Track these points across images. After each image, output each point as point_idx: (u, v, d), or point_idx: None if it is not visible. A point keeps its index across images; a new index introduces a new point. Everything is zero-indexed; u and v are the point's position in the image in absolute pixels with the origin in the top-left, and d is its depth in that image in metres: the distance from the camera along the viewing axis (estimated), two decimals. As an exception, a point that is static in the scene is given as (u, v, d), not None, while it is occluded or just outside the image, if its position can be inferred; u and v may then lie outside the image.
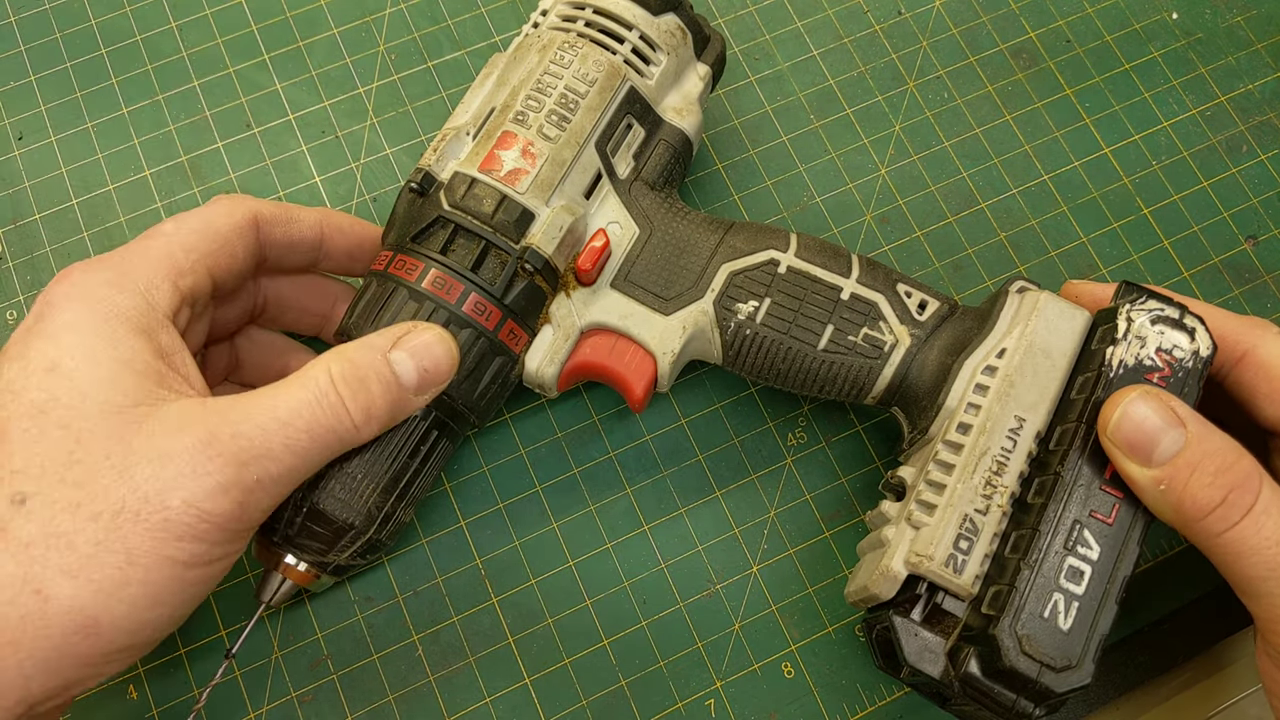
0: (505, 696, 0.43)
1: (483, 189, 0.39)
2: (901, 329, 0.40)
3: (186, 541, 0.31)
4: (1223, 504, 0.32)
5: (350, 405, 0.34)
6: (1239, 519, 0.32)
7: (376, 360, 0.35)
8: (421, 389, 0.36)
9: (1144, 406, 0.33)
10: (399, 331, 0.36)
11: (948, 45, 0.54)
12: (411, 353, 0.36)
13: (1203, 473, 0.32)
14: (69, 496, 0.30)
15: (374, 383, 0.34)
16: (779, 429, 0.47)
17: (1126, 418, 0.34)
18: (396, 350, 0.35)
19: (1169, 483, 0.33)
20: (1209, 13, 0.55)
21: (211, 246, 0.36)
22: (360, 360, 0.35)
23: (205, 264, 0.36)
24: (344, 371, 0.34)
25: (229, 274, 0.38)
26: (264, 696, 0.42)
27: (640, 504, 0.46)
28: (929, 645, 0.35)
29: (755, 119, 0.52)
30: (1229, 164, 0.52)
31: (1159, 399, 0.34)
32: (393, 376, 0.35)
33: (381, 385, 0.35)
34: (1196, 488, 0.32)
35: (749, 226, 0.42)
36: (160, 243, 0.35)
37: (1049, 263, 0.50)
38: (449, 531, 0.45)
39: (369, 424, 0.35)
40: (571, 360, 0.41)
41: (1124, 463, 0.34)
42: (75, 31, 0.52)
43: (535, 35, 0.43)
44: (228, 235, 0.37)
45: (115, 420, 0.31)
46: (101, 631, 0.30)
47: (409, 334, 0.36)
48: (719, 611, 0.44)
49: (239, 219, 0.38)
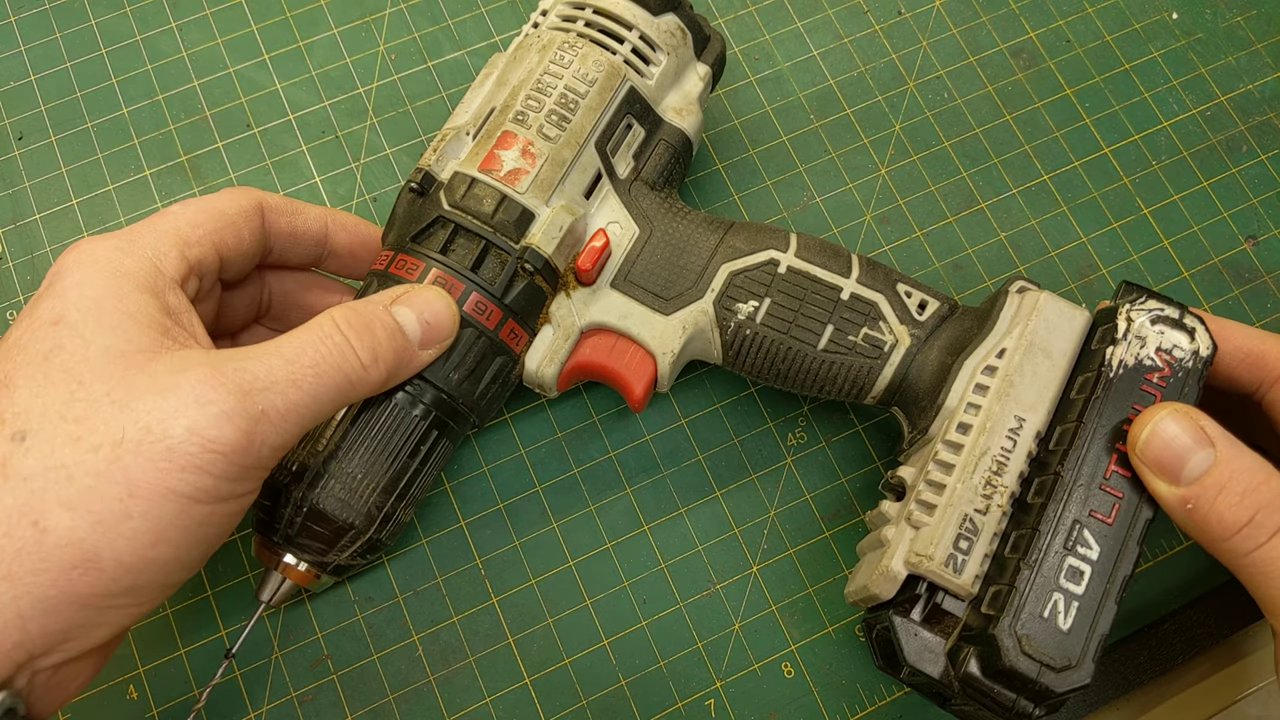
0: (505, 696, 0.43)
1: (483, 189, 0.39)
2: (901, 329, 0.40)
3: (190, 473, 0.30)
4: (1250, 524, 0.32)
5: (356, 346, 0.34)
6: (1266, 539, 0.32)
7: (379, 310, 0.36)
8: (426, 343, 0.37)
9: (1173, 425, 0.33)
10: (399, 290, 0.37)
11: (948, 45, 0.54)
12: (413, 307, 0.36)
13: (1230, 492, 0.32)
14: (69, 431, 0.29)
15: (379, 328, 0.35)
16: (779, 429, 0.47)
17: (1156, 435, 0.33)
18: (398, 305, 0.36)
19: (1196, 502, 0.33)
20: (1209, 13, 0.55)
21: (218, 224, 0.37)
22: (363, 309, 0.35)
23: (212, 239, 0.36)
24: (347, 317, 0.34)
25: (236, 253, 0.38)
26: (264, 696, 0.42)
27: (640, 504, 0.46)
28: (929, 645, 0.35)
29: (755, 119, 0.52)
30: (1229, 164, 0.52)
31: (1189, 417, 0.34)
32: (396, 325, 0.36)
33: (386, 331, 0.35)
34: (1223, 507, 0.32)
35: (749, 226, 0.42)
36: (168, 219, 0.36)
37: (1049, 263, 0.50)
38: (449, 531, 0.45)
39: (376, 366, 0.35)
40: (571, 360, 0.41)
41: (1152, 481, 0.34)
42: (75, 31, 0.52)
43: (535, 35, 0.43)
44: (233, 216, 0.37)
45: (118, 363, 0.31)
46: (102, 567, 0.29)
47: (409, 291, 0.37)
48: (719, 611, 0.44)
49: (245, 204, 0.38)
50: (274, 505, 0.38)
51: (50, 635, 0.29)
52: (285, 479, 0.37)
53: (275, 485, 0.38)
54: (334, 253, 0.42)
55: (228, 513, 0.32)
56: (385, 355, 0.35)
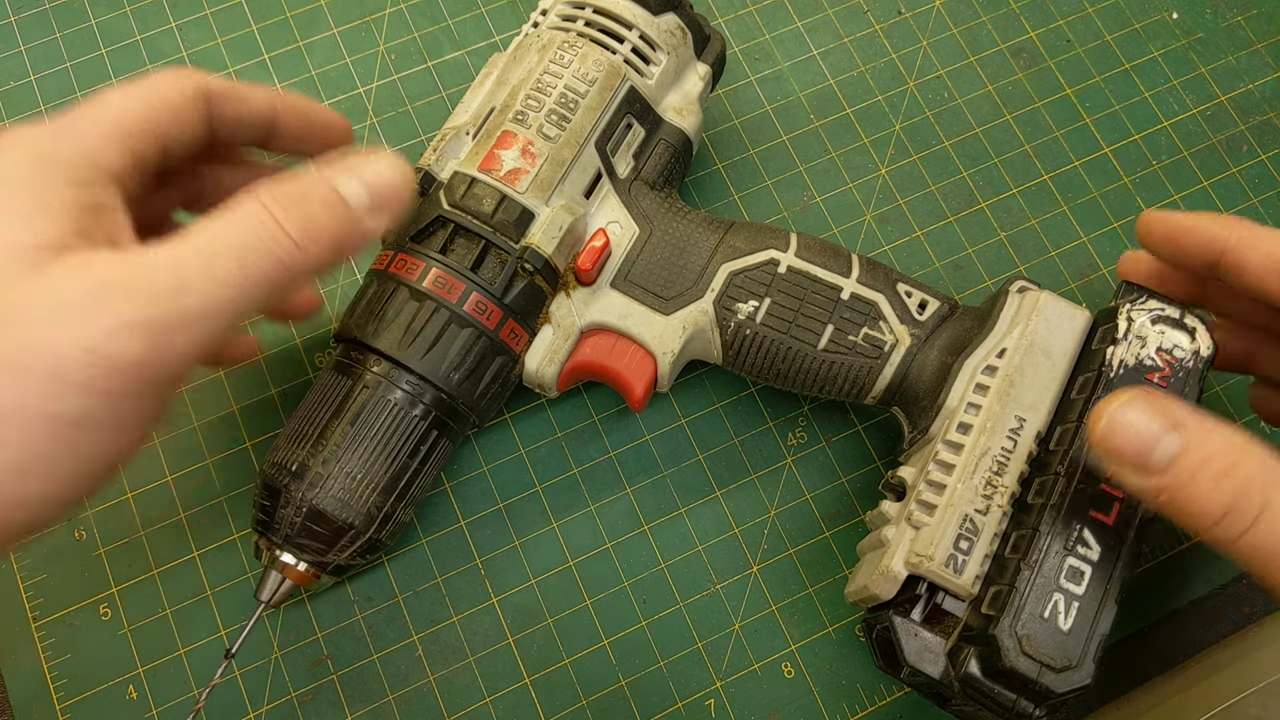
0: (505, 696, 0.43)
1: (482, 189, 0.39)
2: (901, 329, 0.40)
3: (77, 395, 0.26)
4: (1231, 509, 0.29)
5: (285, 221, 0.29)
6: (1250, 523, 0.29)
7: (314, 181, 0.31)
8: (375, 209, 0.32)
9: (1132, 411, 0.30)
10: (339, 161, 0.32)
11: (948, 45, 0.54)
12: (354, 170, 0.32)
13: (1203, 477, 0.29)
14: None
15: (314, 202, 0.30)
16: (779, 429, 0.47)
17: (1115, 424, 0.30)
18: (337, 173, 0.32)
19: (1170, 492, 0.30)
20: (1209, 13, 0.55)
21: (160, 111, 0.33)
22: (295, 183, 0.31)
23: (155, 130, 0.33)
24: (274, 194, 0.30)
25: (180, 144, 0.34)
26: (264, 696, 0.42)
27: (640, 504, 0.46)
28: (929, 645, 0.35)
29: (755, 119, 0.52)
30: (1229, 164, 0.52)
31: (1150, 400, 0.31)
32: (334, 193, 0.31)
33: (322, 203, 0.31)
34: (1199, 494, 0.29)
35: (749, 226, 0.42)
36: (108, 108, 0.32)
37: (1049, 263, 0.50)
38: (449, 531, 0.45)
39: (313, 244, 0.30)
40: (571, 360, 0.41)
41: (1120, 472, 0.31)
42: (75, 31, 0.52)
43: (535, 35, 0.43)
44: (179, 104, 0.34)
45: (15, 258, 0.27)
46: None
47: (352, 161, 0.32)
48: (719, 611, 0.44)
49: (189, 90, 0.34)
50: (273, 505, 0.38)
51: None
52: (285, 479, 0.37)
53: (275, 485, 0.38)
54: (281, 136, 0.38)
55: (125, 441, 0.29)
56: (323, 231, 0.30)
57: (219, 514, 0.44)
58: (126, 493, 0.44)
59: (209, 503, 0.45)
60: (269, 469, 0.38)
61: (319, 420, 0.38)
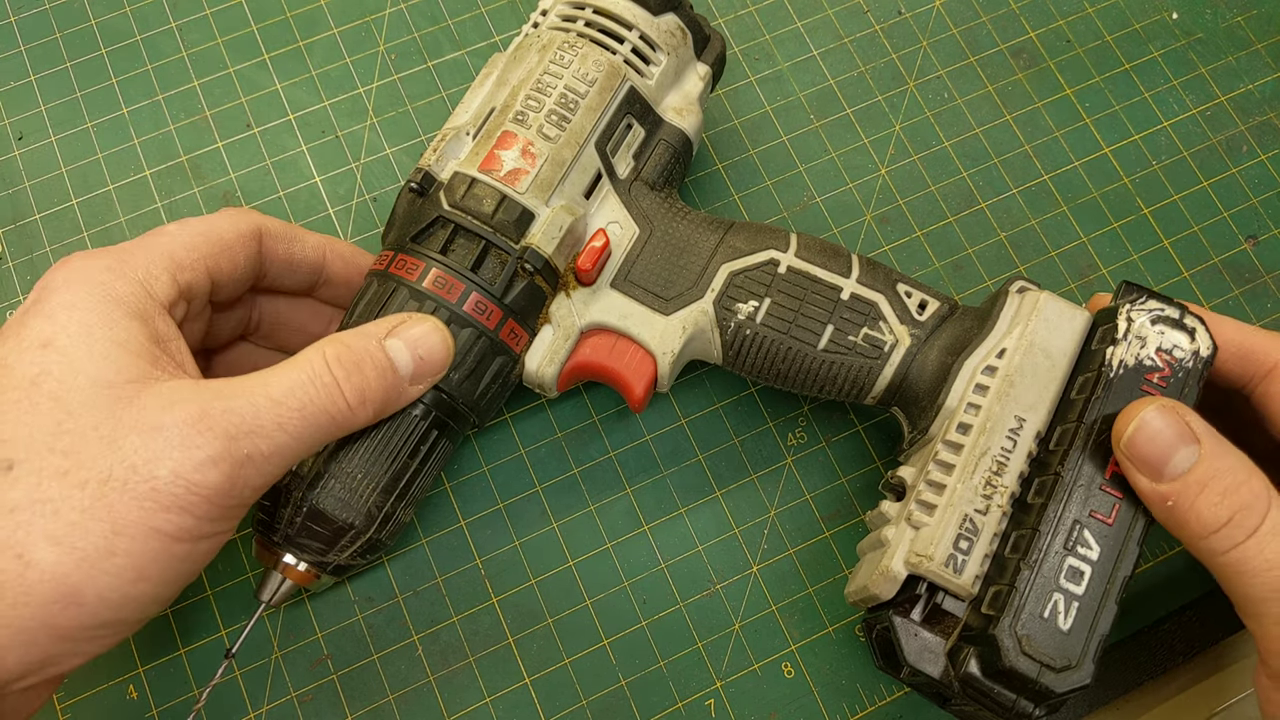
0: (505, 696, 0.43)
1: (482, 189, 0.39)
2: (901, 329, 0.40)
3: (174, 514, 0.30)
4: (1228, 524, 0.32)
5: (345, 387, 0.34)
6: (1243, 539, 0.32)
7: (371, 346, 0.35)
8: (417, 378, 0.36)
9: (1159, 420, 0.33)
10: (394, 321, 0.36)
11: (948, 45, 0.54)
12: (407, 341, 0.36)
13: (1211, 491, 0.32)
14: (56, 464, 0.29)
15: (369, 367, 0.35)
16: (779, 429, 0.47)
17: (1141, 430, 0.33)
18: (392, 338, 0.36)
19: (1177, 499, 0.33)
20: (1209, 13, 0.55)
21: (213, 249, 0.36)
22: (355, 345, 0.35)
23: (205, 264, 0.36)
24: (339, 354, 0.34)
25: (229, 278, 0.37)
26: (264, 696, 0.42)
27: (640, 504, 0.46)
28: (929, 645, 0.35)
29: (755, 119, 0.52)
30: (1229, 164, 0.52)
31: (1175, 413, 0.33)
32: (388, 362, 0.35)
33: (376, 370, 0.35)
34: (1203, 506, 0.32)
35: (749, 226, 0.42)
36: (163, 239, 0.35)
37: (1049, 263, 0.50)
38: (449, 531, 0.45)
39: (363, 407, 0.34)
40: (571, 360, 0.41)
41: (1134, 476, 0.34)
42: (75, 31, 0.52)
43: (535, 35, 0.43)
44: (230, 241, 0.37)
45: (106, 394, 0.31)
46: (84, 602, 0.29)
47: (404, 323, 0.36)
48: (719, 611, 0.44)
49: (244, 228, 0.38)
50: (274, 505, 0.38)
51: (26, 665, 0.30)
52: (285, 479, 0.37)
53: (275, 485, 0.38)
54: (329, 282, 0.42)
55: (206, 550, 0.32)
56: (374, 396, 0.35)
57: (219, 514, 0.44)
58: (127, 493, 0.44)
59: (209, 503, 0.45)
60: (269, 469, 0.38)
61: (319, 420, 0.38)
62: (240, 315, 0.42)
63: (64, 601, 0.29)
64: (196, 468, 0.30)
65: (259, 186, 0.50)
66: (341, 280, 0.42)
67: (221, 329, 0.41)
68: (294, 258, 0.40)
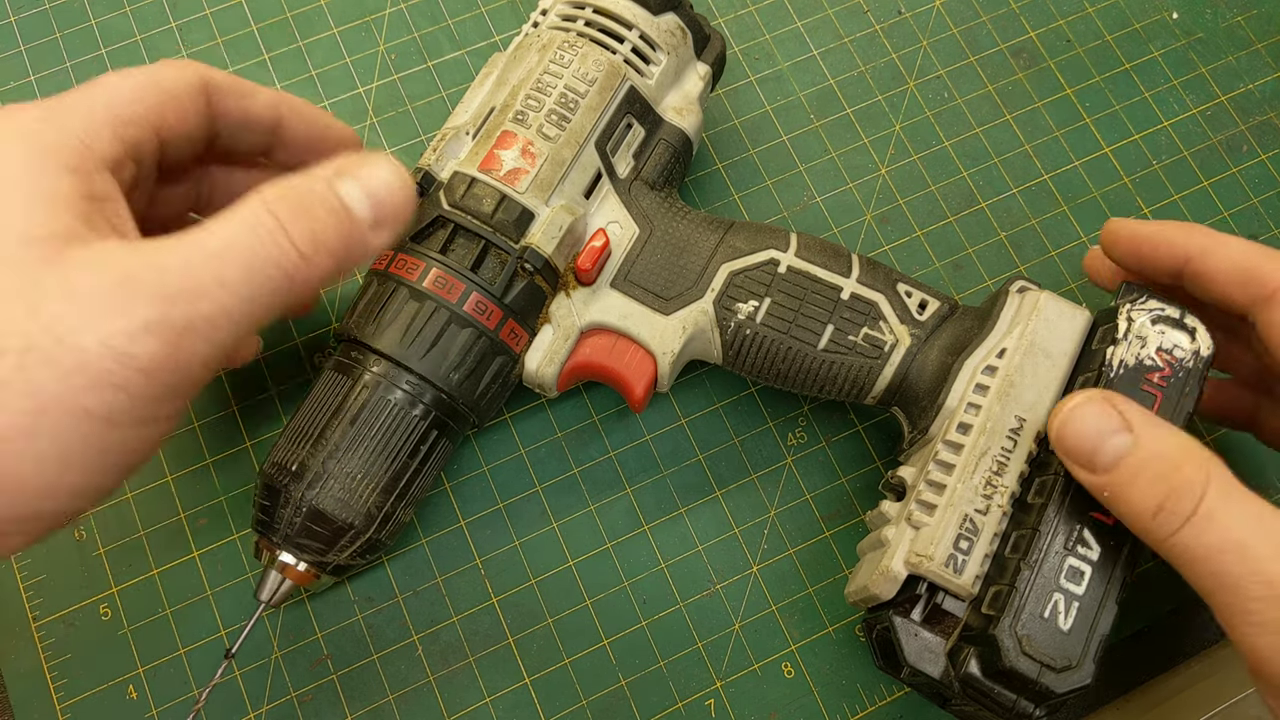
0: (505, 696, 0.43)
1: (482, 189, 0.39)
2: (901, 329, 0.40)
3: (105, 391, 0.26)
4: (1161, 511, 0.30)
5: (292, 231, 0.29)
6: (1179, 526, 0.30)
7: (319, 186, 0.30)
8: (378, 223, 0.31)
9: (1085, 412, 0.33)
10: (343, 161, 0.31)
11: (948, 45, 0.54)
12: (361, 180, 0.31)
13: (1142, 478, 0.31)
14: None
15: (319, 208, 0.30)
16: (779, 429, 0.47)
17: (1067, 424, 0.33)
18: (341, 177, 0.31)
19: (1111, 490, 0.32)
20: (1209, 13, 0.55)
21: (160, 100, 0.32)
22: (300, 185, 0.30)
23: (151, 118, 0.32)
24: (282, 195, 0.29)
25: (178, 136, 0.33)
26: (264, 696, 0.42)
27: (640, 504, 0.46)
28: (929, 645, 0.35)
29: (755, 119, 0.52)
30: (1229, 164, 0.52)
31: (1104, 402, 0.33)
32: (339, 203, 0.30)
33: (328, 211, 0.30)
34: (1136, 494, 0.31)
35: (749, 226, 0.42)
36: (102, 90, 0.31)
37: (1049, 263, 0.50)
38: (449, 531, 0.45)
39: (319, 255, 0.29)
40: (571, 360, 0.41)
41: (1073, 468, 0.33)
42: (75, 31, 0.52)
43: (535, 35, 0.43)
44: (178, 93, 0.33)
45: (29, 253, 0.27)
46: (10, 488, 0.26)
47: (356, 163, 0.31)
48: (719, 611, 0.44)
49: (190, 79, 0.33)
50: (273, 505, 0.38)
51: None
52: (285, 479, 0.37)
53: (275, 485, 0.38)
54: (286, 143, 0.38)
55: (148, 437, 0.29)
56: (329, 242, 0.30)
57: (219, 514, 0.44)
58: (126, 493, 0.44)
59: (209, 503, 0.45)
60: (269, 469, 0.38)
61: (319, 420, 0.38)
62: (188, 189, 0.38)
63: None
64: (129, 336, 0.26)
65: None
66: (301, 141, 0.38)
67: (168, 203, 0.37)
68: (247, 114, 0.36)
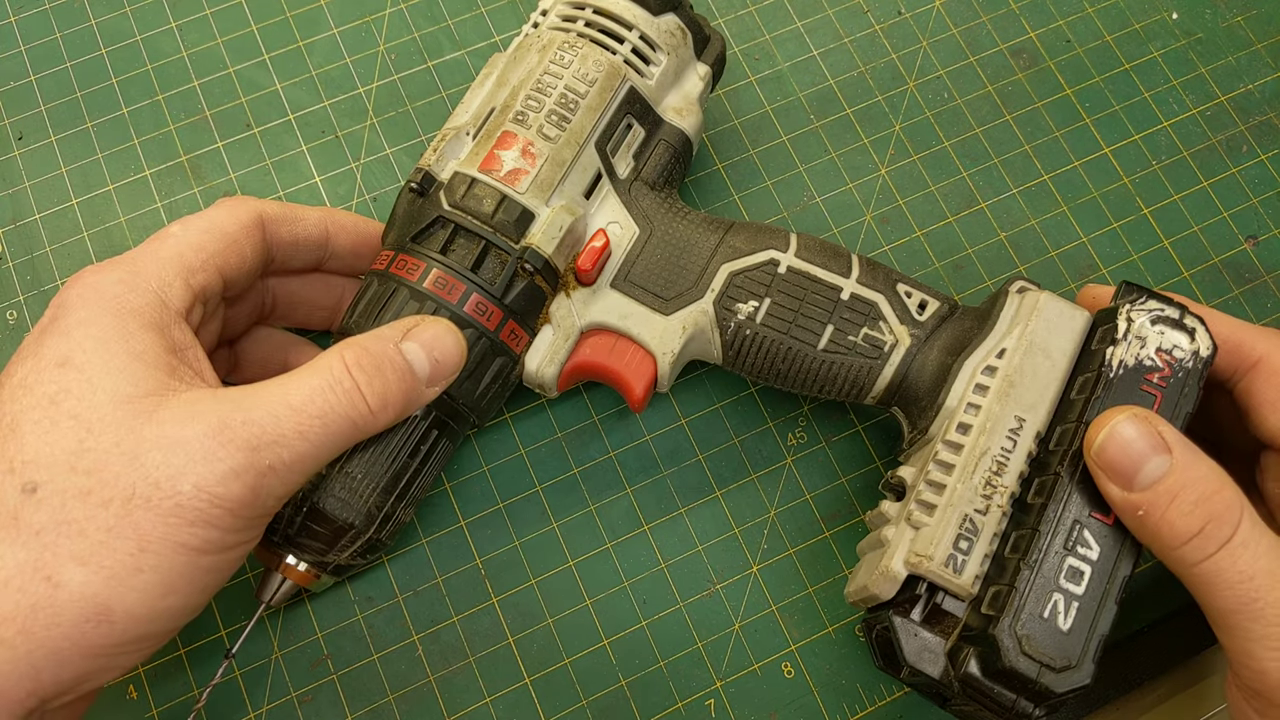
0: (505, 696, 0.43)
1: (482, 189, 0.39)
2: (901, 329, 0.40)
3: (198, 527, 0.30)
4: (1199, 535, 0.31)
5: (366, 391, 0.34)
6: (1214, 550, 0.31)
7: (389, 349, 0.35)
8: (433, 380, 0.36)
9: (1131, 429, 0.33)
10: (409, 324, 0.36)
11: (948, 45, 0.54)
12: (423, 344, 0.36)
13: (1182, 501, 0.32)
14: (79, 484, 0.30)
15: (389, 370, 0.34)
16: (779, 429, 0.47)
17: (1112, 439, 0.33)
18: (408, 341, 0.36)
19: (1148, 509, 0.32)
20: (1209, 13, 0.55)
21: (220, 246, 0.36)
22: (373, 348, 0.34)
23: (215, 263, 0.36)
24: (358, 358, 0.34)
25: (239, 273, 0.37)
26: (264, 696, 0.42)
27: (640, 504, 0.46)
28: (929, 645, 0.35)
29: (755, 119, 0.52)
30: (1229, 164, 0.52)
31: (1147, 422, 0.33)
32: (406, 365, 0.35)
33: (396, 373, 0.35)
34: (1174, 516, 0.32)
35: (749, 226, 0.42)
36: (170, 244, 0.35)
37: (1049, 263, 0.50)
38: (449, 531, 0.45)
39: (385, 411, 0.34)
40: (571, 360, 0.41)
41: (1106, 485, 0.33)
42: (75, 31, 0.52)
43: (535, 35, 0.43)
44: (235, 235, 0.37)
45: (126, 410, 0.31)
46: (114, 619, 0.30)
47: (419, 326, 0.36)
48: (719, 611, 0.44)
49: (245, 219, 0.38)
50: (274, 505, 0.38)
51: (62, 683, 0.30)
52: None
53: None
54: (335, 254, 0.42)
55: (233, 559, 0.33)
56: (395, 399, 0.35)
57: (219, 514, 0.44)
58: (127, 493, 0.44)
59: (209, 503, 0.45)
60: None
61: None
62: (253, 302, 0.42)
63: (95, 620, 0.29)
64: (219, 480, 0.30)
65: (259, 186, 0.50)
66: (348, 251, 0.42)
67: (237, 319, 0.41)
68: (298, 238, 0.40)
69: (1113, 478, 0.33)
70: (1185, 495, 0.32)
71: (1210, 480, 0.32)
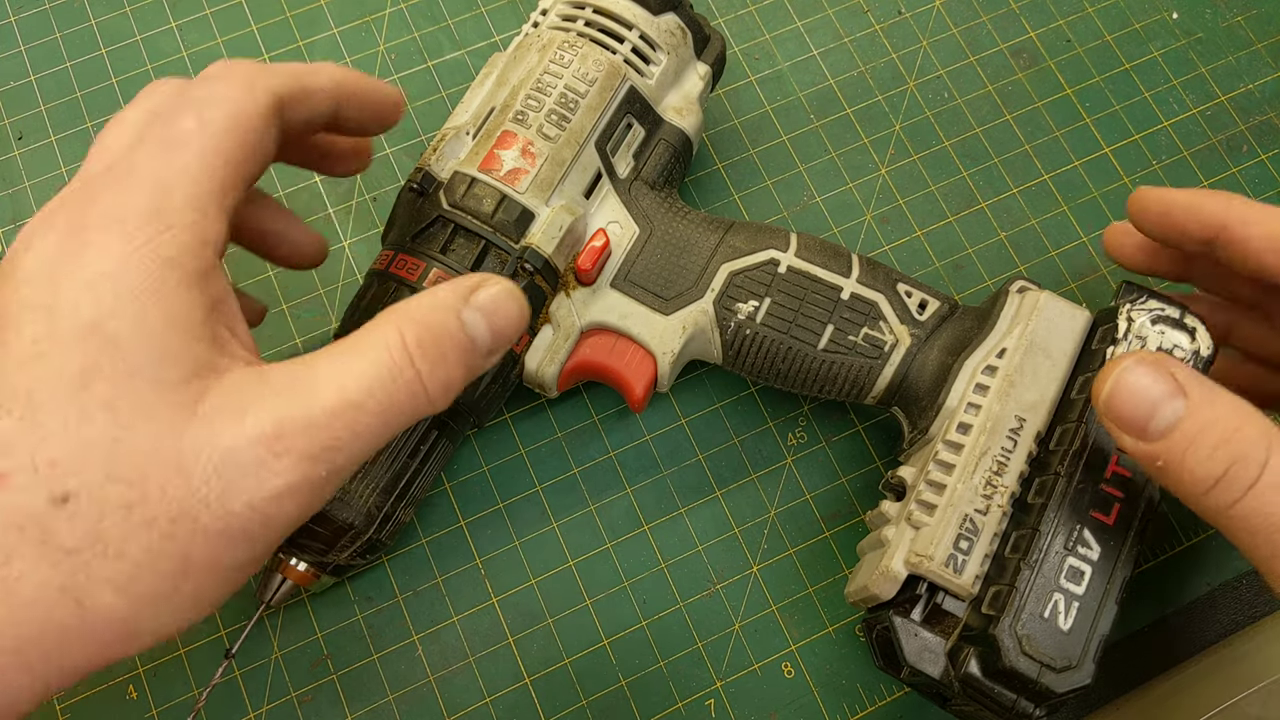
0: (505, 696, 0.43)
1: (482, 188, 0.39)
2: (902, 329, 0.40)
3: (242, 547, 0.27)
4: (1223, 479, 0.28)
5: (428, 381, 0.28)
6: (1241, 494, 0.28)
7: (452, 323, 0.29)
8: (492, 352, 0.30)
9: (1139, 374, 0.30)
10: (470, 284, 0.30)
11: (948, 45, 0.54)
12: (485, 311, 0.30)
13: (1200, 446, 0.29)
14: (119, 496, 0.25)
15: (451, 350, 0.29)
16: (779, 429, 0.47)
17: (1120, 388, 0.30)
18: (470, 309, 0.29)
19: (1166, 458, 0.29)
20: (1209, 13, 0.55)
21: (248, 149, 0.30)
22: (435, 325, 0.29)
23: (243, 172, 0.29)
24: (420, 339, 0.28)
25: (256, 178, 0.31)
26: (264, 696, 0.42)
27: (640, 504, 0.46)
28: (929, 645, 0.35)
29: (755, 119, 0.52)
30: (1229, 164, 0.52)
31: (1158, 365, 0.30)
32: (469, 341, 0.29)
33: (458, 352, 0.29)
34: (1193, 463, 0.29)
35: (749, 226, 0.42)
36: (192, 150, 0.28)
37: (1049, 263, 0.50)
38: (449, 531, 0.45)
39: (445, 398, 0.29)
40: (571, 360, 0.41)
41: (1119, 436, 0.31)
42: (75, 31, 0.52)
43: (535, 35, 0.43)
44: (259, 127, 0.30)
45: (166, 401, 0.26)
46: (141, 638, 0.27)
47: (481, 288, 0.30)
48: (719, 611, 0.44)
49: (265, 102, 0.30)
50: (274, 505, 0.38)
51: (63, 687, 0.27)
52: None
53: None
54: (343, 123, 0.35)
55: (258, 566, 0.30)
56: (456, 383, 0.29)
57: (219, 514, 0.44)
58: (126, 493, 0.44)
59: (209, 503, 0.45)
60: (269, 469, 0.38)
61: (319, 420, 0.38)
62: None
63: (121, 641, 0.27)
64: (273, 499, 0.26)
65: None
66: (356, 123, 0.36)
67: None
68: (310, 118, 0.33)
69: (1124, 428, 0.30)
70: (1203, 439, 0.29)
71: (1231, 418, 0.29)
